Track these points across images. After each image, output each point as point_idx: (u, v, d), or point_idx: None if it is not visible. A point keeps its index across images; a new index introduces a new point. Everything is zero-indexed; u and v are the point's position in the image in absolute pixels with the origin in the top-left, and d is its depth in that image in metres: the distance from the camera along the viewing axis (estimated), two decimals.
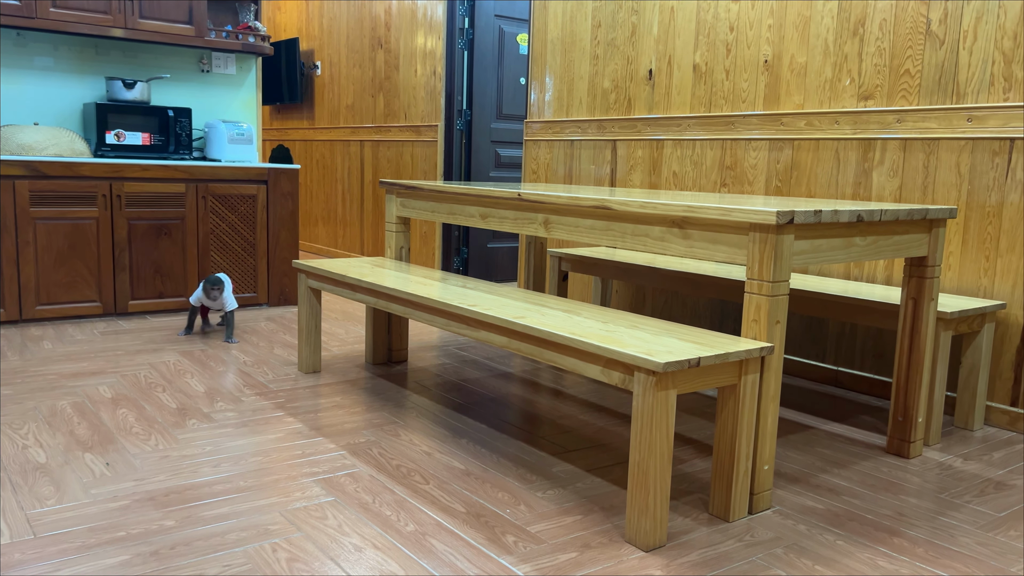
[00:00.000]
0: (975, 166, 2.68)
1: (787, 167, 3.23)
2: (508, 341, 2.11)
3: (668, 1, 3.65)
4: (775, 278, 1.89)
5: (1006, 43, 2.59)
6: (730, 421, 1.89)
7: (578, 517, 1.90)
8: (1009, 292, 2.62)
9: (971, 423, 2.62)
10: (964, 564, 1.73)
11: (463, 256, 5.17)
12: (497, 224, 2.66)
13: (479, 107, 5.05)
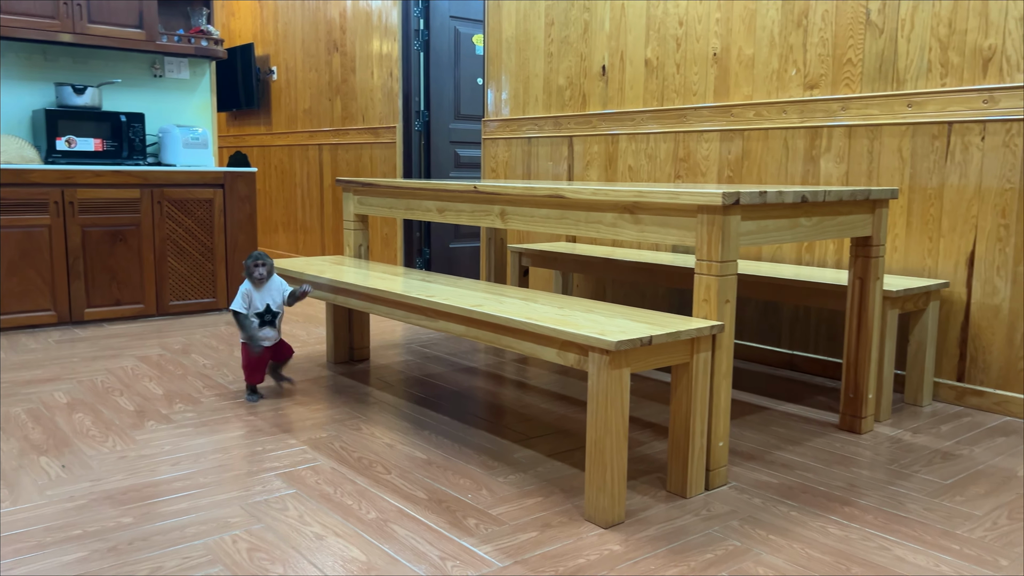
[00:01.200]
0: (916, 150, 2.77)
1: (738, 157, 3.30)
2: (467, 329, 2.13)
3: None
4: (723, 258, 1.93)
5: (941, 30, 2.68)
6: (684, 399, 1.93)
7: (539, 499, 1.92)
8: (952, 271, 2.71)
9: (920, 399, 2.70)
10: (911, 528, 1.78)
11: (425, 257, 5.17)
12: (454, 217, 2.68)
13: (437, 108, 5.07)
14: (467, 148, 5.24)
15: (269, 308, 2.67)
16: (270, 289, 2.68)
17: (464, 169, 5.24)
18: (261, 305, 2.66)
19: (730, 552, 1.66)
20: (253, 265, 2.64)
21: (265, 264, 2.64)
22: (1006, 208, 2.57)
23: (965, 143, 2.65)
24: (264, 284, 2.66)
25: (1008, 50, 2.53)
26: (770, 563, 1.62)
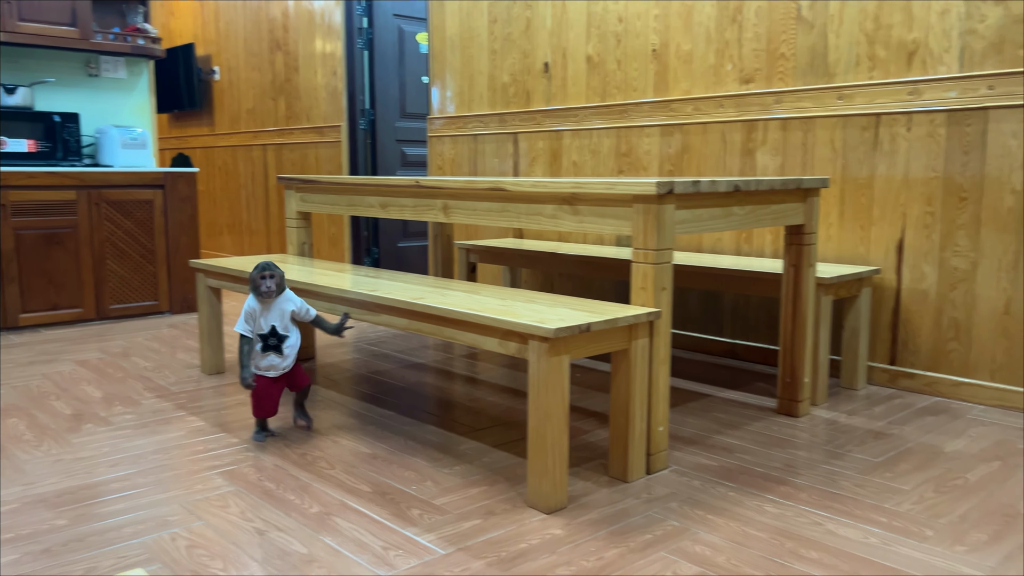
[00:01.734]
0: (847, 141, 2.85)
1: (678, 152, 3.36)
2: (409, 323, 2.14)
3: None
4: (659, 246, 1.97)
5: (868, 25, 2.77)
6: (623, 385, 1.96)
7: (483, 488, 1.94)
8: (883, 258, 2.80)
9: (855, 382, 2.78)
10: (843, 504, 1.84)
11: (374, 256, 5.15)
12: (397, 212, 2.68)
13: (382, 106, 5.05)
14: (414, 146, 5.23)
15: (275, 330, 2.22)
16: (278, 307, 2.24)
17: (411, 167, 5.23)
18: (266, 326, 2.21)
19: (668, 532, 1.70)
20: (259, 277, 2.18)
21: (274, 276, 2.19)
22: (931, 196, 2.67)
23: (892, 134, 2.74)
24: (272, 301, 2.23)
25: (931, 44, 2.63)
26: (707, 541, 1.66)
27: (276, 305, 2.23)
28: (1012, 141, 2.48)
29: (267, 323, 2.22)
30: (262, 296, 2.20)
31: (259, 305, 2.21)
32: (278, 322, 2.23)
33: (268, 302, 2.21)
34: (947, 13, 2.58)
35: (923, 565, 1.55)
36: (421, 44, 5.17)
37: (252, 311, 2.21)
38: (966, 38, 2.56)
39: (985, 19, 2.51)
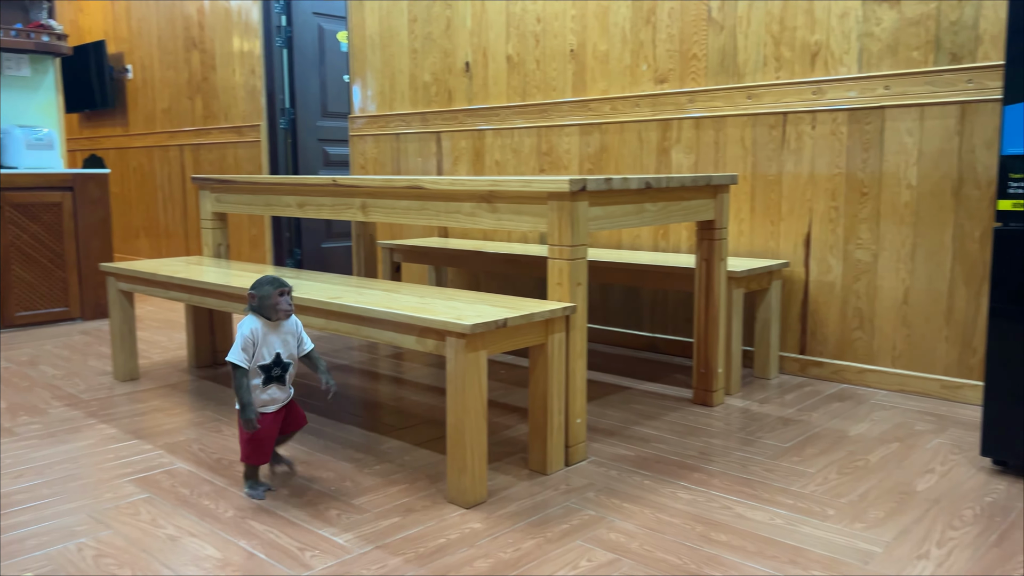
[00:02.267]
0: (756, 139, 2.95)
1: (597, 150, 3.42)
2: (327, 322, 2.12)
3: None
4: (574, 242, 2.00)
5: (774, 27, 2.87)
6: (541, 379, 1.99)
7: (403, 486, 1.94)
8: (792, 252, 2.91)
9: (768, 372, 2.88)
10: (752, 488, 1.91)
11: (296, 257, 5.07)
12: (315, 212, 2.66)
13: (303, 105, 4.98)
14: (336, 146, 5.17)
15: (279, 358, 1.86)
16: (285, 330, 1.88)
17: (333, 167, 5.17)
18: (269, 355, 1.84)
19: (585, 521, 1.73)
20: (277, 294, 1.82)
21: (290, 292, 1.86)
22: (836, 192, 2.78)
23: (798, 132, 2.85)
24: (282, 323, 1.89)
25: (832, 45, 2.74)
26: (622, 528, 1.70)
27: (283, 328, 1.88)
28: (907, 139, 2.61)
29: (270, 350, 1.85)
30: (278, 318, 1.84)
31: (263, 329, 1.84)
32: (283, 349, 1.87)
33: (277, 325, 1.87)
34: (846, 16, 2.70)
35: (824, 543, 1.62)
36: (342, 43, 5.12)
37: (254, 336, 1.82)
38: (864, 40, 2.68)
39: (881, 22, 2.64)
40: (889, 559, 1.55)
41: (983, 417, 1.95)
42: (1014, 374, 1.89)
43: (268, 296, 1.83)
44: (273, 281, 1.84)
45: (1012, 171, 1.87)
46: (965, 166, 2.52)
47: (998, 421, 1.93)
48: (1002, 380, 1.91)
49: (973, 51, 2.47)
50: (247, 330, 1.83)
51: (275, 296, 1.82)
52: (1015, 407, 1.90)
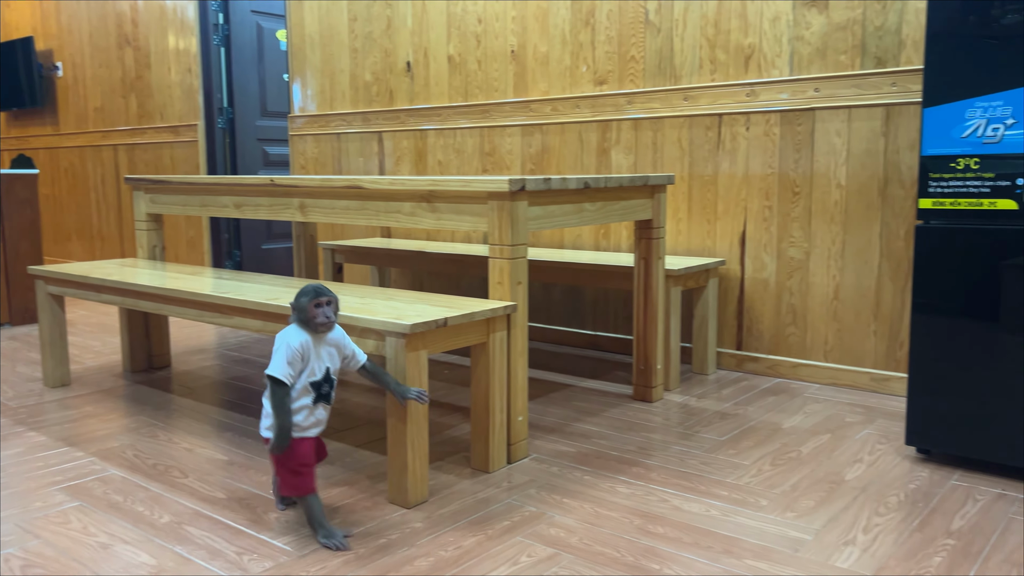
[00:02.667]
0: (693, 140, 3.02)
1: (539, 151, 3.45)
2: (264, 324, 2.09)
3: None
4: (514, 241, 2.02)
5: (710, 30, 2.94)
6: (483, 377, 2.00)
7: (344, 488, 1.92)
8: (728, 250, 2.98)
9: (705, 368, 2.94)
10: (689, 481, 1.95)
11: (236, 259, 4.98)
12: (252, 212, 2.62)
13: (241, 105, 4.90)
14: (276, 145, 5.10)
15: (328, 374, 1.69)
16: (331, 342, 1.71)
17: (274, 167, 5.09)
18: (320, 371, 1.67)
19: (526, 518, 1.75)
20: (314, 305, 1.65)
21: (331, 302, 1.68)
22: (769, 191, 2.86)
23: (733, 133, 2.92)
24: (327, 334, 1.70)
25: (764, 48, 2.82)
26: (562, 523, 1.72)
27: (329, 340, 1.70)
28: (836, 139, 2.70)
29: (320, 365, 1.67)
30: (319, 328, 1.66)
31: (312, 341, 1.67)
32: (331, 363, 1.70)
33: (322, 337, 1.69)
34: (778, 20, 2.78)
35: (757, 532, 1.67)
36: (281, 41, 5.05)
37: (303, 350, 1.64)
38: (795, 44, 2.76)
39: (810, 26, 2.72)
40: (818, 546, 1.61)
41: (907, 408, 2.02)
42: (936, 366, 1.97)
43: (304, 308, 1.65)
44: (312, 291, 1.65)
45: (932, 171, 1.95)
46: (890, 166, 2.61)
47: (921, 411, 2.01)
48: (925, 372, 1.99)
49: (897, 55, 2.57)
50: (296, 342, 1.63)
51: (311, 307, 1.64)
52: (937, 398, 1.98)
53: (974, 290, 1.91)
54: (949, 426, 1.97)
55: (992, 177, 1.87)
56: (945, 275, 1.94)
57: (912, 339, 2.00)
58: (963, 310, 1.93)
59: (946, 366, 1.96)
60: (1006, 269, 1.87)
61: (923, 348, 1.99)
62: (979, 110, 1.87)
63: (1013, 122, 1.83)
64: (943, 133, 1.92)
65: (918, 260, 1.98)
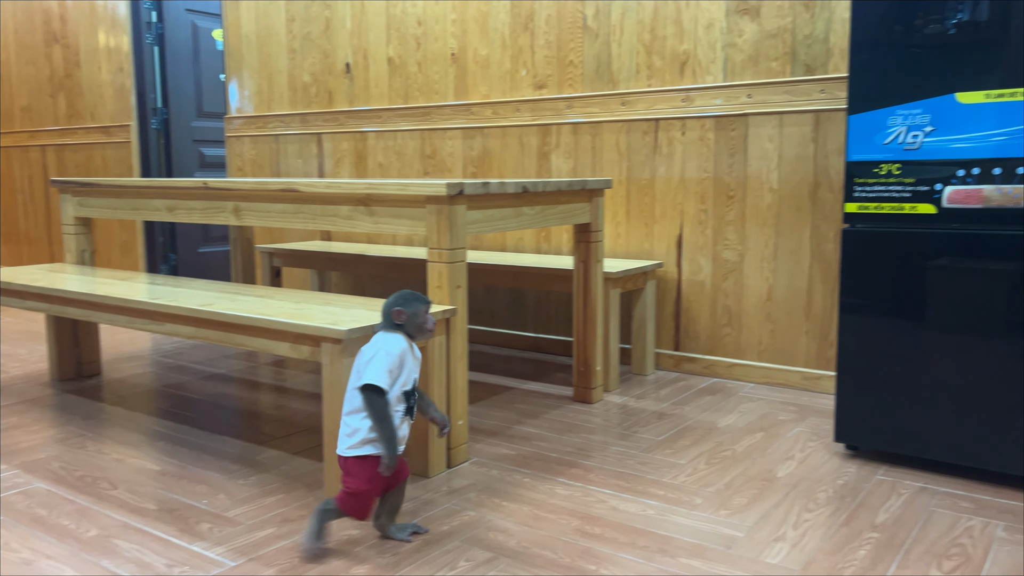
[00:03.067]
0: (631, 145, 3.06)
1: (480, 154, 3.45)
2: (196, 331, 2.05)
3: None
4: (452, 245, 2.02)
5: (646, 36, 2.98)
6: (422, 382, 1.99)
7: (280, 496, 1.90)
8: (665, 253, 3.03)
9: (644, 368, 2.99)
10: (626, 481, 1.98)
11: (171, 263, 4.86)
12: (185, 216, 2.56)
13: (177, 105, 4.78)
14: (213, 147, 4.99)
15: (416, 386, 1.63)
16: (416, 353, 1.65)
17: (210, 169, 4.99)
18: (411, 381, 1.60)
19: (465, 522, 1.75)
20: (425, 311, 1.63)
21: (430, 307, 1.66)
22: (704, 195, 2.91)
23: (669, 138, 2.97)
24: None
25: (699, 54, 2.87)
26: (500, 527, 1.72)
27: (416, 350, 1.64)
28: (768, 145, 2.77)
29: (411, 375, 1.59)
30: (424, 338, 1.63)
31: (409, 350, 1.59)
32: (416, 374, 1.63)
33: (414, 345, 1.62)
34: (712, 27, 2.84)
35: (691, 530, 1.70)
36: (217, 41, 4.95)
37: (402, 357, 1.56)
38: (728, 51, 2.82)
39: (743, 34, 2.78)
40: (750, 543, 1.64)
41: (836, 405, 2.09)
42: (862, 365, 2.04)
43: (417, 314, 1.60)
44: (419, 296, 1.63)
45: (857, 176, 2.01)
46: (820, 171, 2.69)
47: (849, 409, 2.07)
48: (852, 371, 2.06)
49: (825, 63, 2.65)
50: (396, 349, 1.55)
51: (423, 313, 1.61)
52: (864, 395, 2.04)
53: (897, 291, 1.98)
54: (875, 423, 2.04)
55: (913, 182, 1.94)
56: (870, 277, 2.01)
57: (840, 339, 2.06)
58: (887, 310, 1.99)
59: (872, 364, 2.03)
60: (926, 270, 1.94)
61: (850, 347, 2.05)
62: (900, 117, 1.94)
63: (931, 129, 1.91)
64: (867, 139, 1.99)
65: (845, 262, 2.04)
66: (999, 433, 1.88)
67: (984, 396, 1.89)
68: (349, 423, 1.57)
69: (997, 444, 1.89)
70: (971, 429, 1.91)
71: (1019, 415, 1.85)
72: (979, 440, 1.91)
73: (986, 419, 1.89)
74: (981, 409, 1.90)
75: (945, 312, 1.92)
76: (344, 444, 1.57)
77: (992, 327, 1.87)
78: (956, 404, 1.92)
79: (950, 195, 1.90)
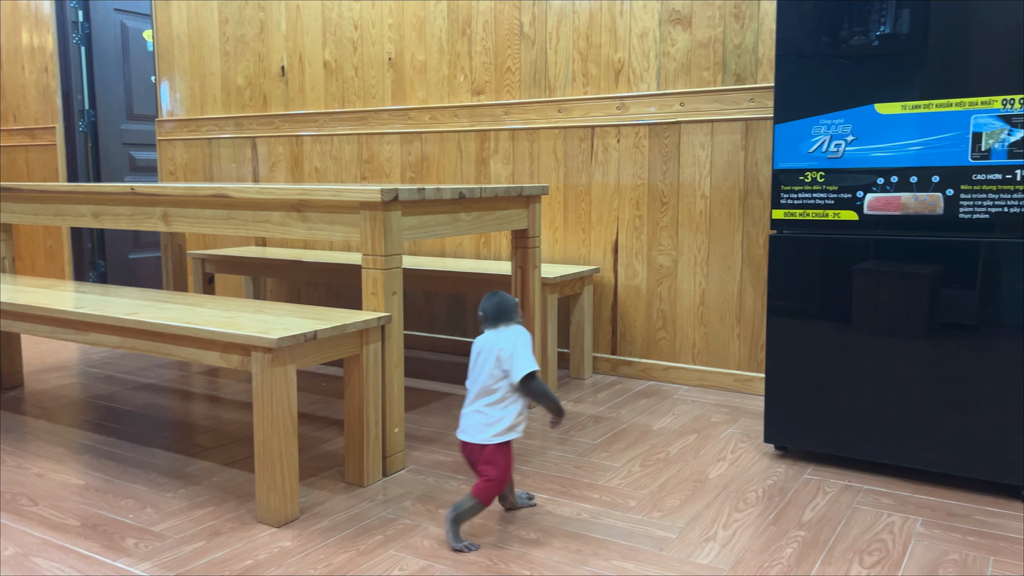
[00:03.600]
0: (568, 151, 3.08)
1: (418, 159, 3.44)
2: (122, 340, 1.99)
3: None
4: (387, 252, 2.01)
5: (582, 44, 3.01)
6: (356, 390, 1.97)
7: (210, 509, 1.85)
8: (601, 258, 3.06)
9: (582, 372, 3.01)
10: (561, 485, 1.99)
11: (100, 270, 4.71)
12: (112, 222, 2.49)
13: (105, 107, 4.64)
14: (144, 150, 4.86)
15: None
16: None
17: (142, 173, 4.86)
18: None
19: (399, 530, 1.74)
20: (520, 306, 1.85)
21: None
22: (639, 201, 2.96)
23: (605, 145, 3.00)
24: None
25: (633, 63, 2.92)
26: (436, 535, 1.71)
27: None
28: (700, 152, 2.83)
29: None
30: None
31: None
32: None
33: None
34: (645, 36, 2.89)
35: (625, 533, 1.72)
36: (148, 42, 4.83)
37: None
38: (661, 59, 2.87)
39: (676, 43, 2.84)
40: (681, 543, 1.67)
41: (765, 407, 2.14)
42: (790, 367, 2.10)
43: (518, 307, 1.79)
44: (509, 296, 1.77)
45: (783, 183, 2.07)
46: (750, 178, 2.76)
47: (778, 410, 2.13)
48: (780, 373, 2.11)
49: (754, 73, 2.72)
50: (527, 335, 1.70)
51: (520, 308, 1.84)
52: (792, 397, 2.10)
53: (822, 295, 2.04)
54: (803, 423, 2.10)
55: (836, 190, 2.01)
56: (797, 281, 2.07)
57: (768, 342, 2.12)
58: (813, 314, 2.06)
59: (799, 367, 2.08)
60: (850, 275, 2.01)
61: (778, 350, 2.11)
62: (823, 127, 2.01)
63: (853, 139, 1.97)
64: (792, 148, 2.05)
65: (772, 267, 2.10)
66: (918, 431, 1.95)
67: (903, 395, 1.96)
68: (490, 413, 1.66)
69: (916, 442, 1.96)
70: (892, 428, 1.98)
71: (936, 413, 1.93)
72: (899, 438, 1.98)
73: (905, 418, 1.96)
74: (900, 408, 1.97)
75: (867, 315, 1.99)
76: (486, 433, 1.66)
77: (910, 329, 1.94)
78: (877, 404, 1.99)
79: (870, 202, 1.97)
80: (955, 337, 1.89)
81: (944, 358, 1.91)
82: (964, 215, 1.86)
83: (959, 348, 1.89)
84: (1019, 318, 1.82)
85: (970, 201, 1.85)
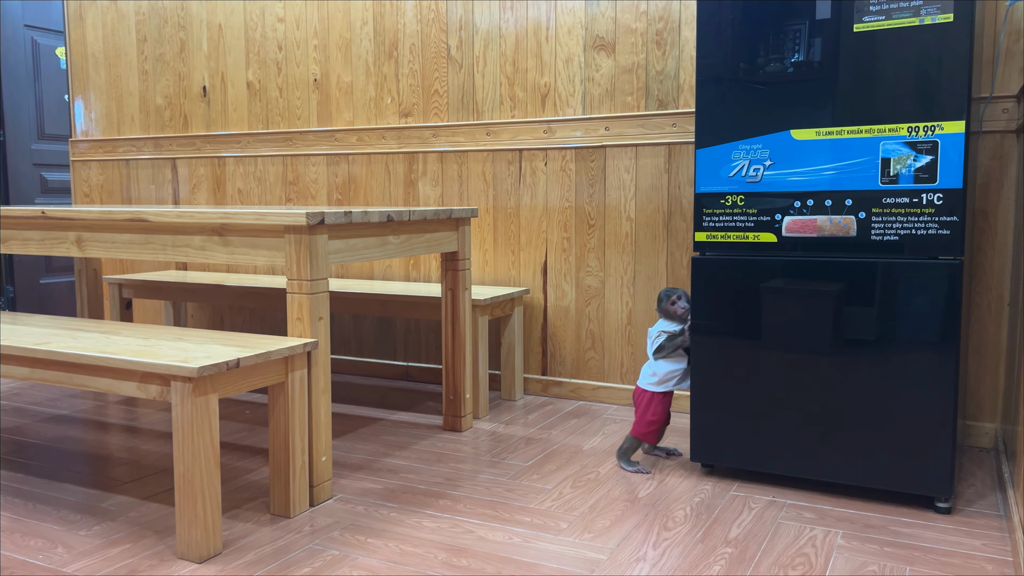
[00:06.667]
0: (496, 174, 3.10)
1: (345, 181, 3.40)
2: (31, 371, 1.90)
3: (215, 19, 3.61)
4: (313, 276, 1.97)
5: (508, 68, 3.04)
6: (282, 418, 1.93)
7: (127, 546, 1.77)
8: (531, 279, 3.08)
9: (513, 394, 3.02)
10: (493, 509, 1.98)
11: (8, 296, 4.49)
12: (20, 247, 2.38)
13: (15, 126, 4.45)
14: (57, 171, 4.67)
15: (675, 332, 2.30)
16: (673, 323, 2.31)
17: (54, 195, 4.66)
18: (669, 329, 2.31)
19: (327, 562, 1.69)
20: (670, 303, 2.27)
21: (682, 296, 2.28)
22: (567, 223, 2.99)
23: (533, 168, 3.03)
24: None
25: (559, 87, 2.96)
26: (365, 565, 1.68)
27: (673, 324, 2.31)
28: (625, 175, 2.88)
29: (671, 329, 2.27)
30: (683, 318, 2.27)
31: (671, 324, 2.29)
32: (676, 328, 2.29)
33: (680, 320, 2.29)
34: (571, 61, 2.93)
35: (556, 556, 1.72)
36: (62, 59, 4.66)
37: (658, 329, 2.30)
38: (587, 84, 2.92)
39: (600, 69, 2.89)
40: (612, 564, 1.68)
41: (691, 425, 2.18)
42: (713, 385, 2.14)
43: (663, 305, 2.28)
44: (671, 291, 2.27)
45: (705, 207, 2.12)
46: (673, 201, 2.82)
47: (703, 428, 2.17)
48: (704, 392, 2.16)
49: (676, 98, 2.79)
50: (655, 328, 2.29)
51: (670, 306, 2.26)
52: (716, 415, 2.15)
53: (743, 315, 2.10)
54: (727, 441, 2.14)
55: (755, 213, 2.07)
56: (718, 302, 2.12)
57: (692, 360, 2.16)
58: (734, 333, 2.11)
59: (722, 385, 2.13)
60: (770, 295, 2.07)
61: (702, 369, 2.15)
62: (743, 152, 2.07)
63: (771, 163, 2.04)
64: (713, 172, 2.10)
65: (695, 288, 2.14)
66: (835, 446, 2.02)
67: (819, 411, 2.03)
68: (656, 368, 2.25)
69: (834, 457, 2.02)
70: (810, 443, 2.04)
71: (851, 428, 1.99)
72: (817, 453, 2.04)
73: (822, 433, 2.03)
74: (817, 423, 2.03)
75: (785, 333, 2.05)
76: (651, 381, 2.25)
77: (825, 346, 2.01)
78: (795, 420, 2.05)
79: (788, 224, 2.04)
80: (867, 353, 1.97)
81: (856, 374, 1.98)
82: (876, 237, 1.95)
83: (870, 364, 1.96)
84: (927, 334, 1.90)
85: (881, 223, 1.94)
